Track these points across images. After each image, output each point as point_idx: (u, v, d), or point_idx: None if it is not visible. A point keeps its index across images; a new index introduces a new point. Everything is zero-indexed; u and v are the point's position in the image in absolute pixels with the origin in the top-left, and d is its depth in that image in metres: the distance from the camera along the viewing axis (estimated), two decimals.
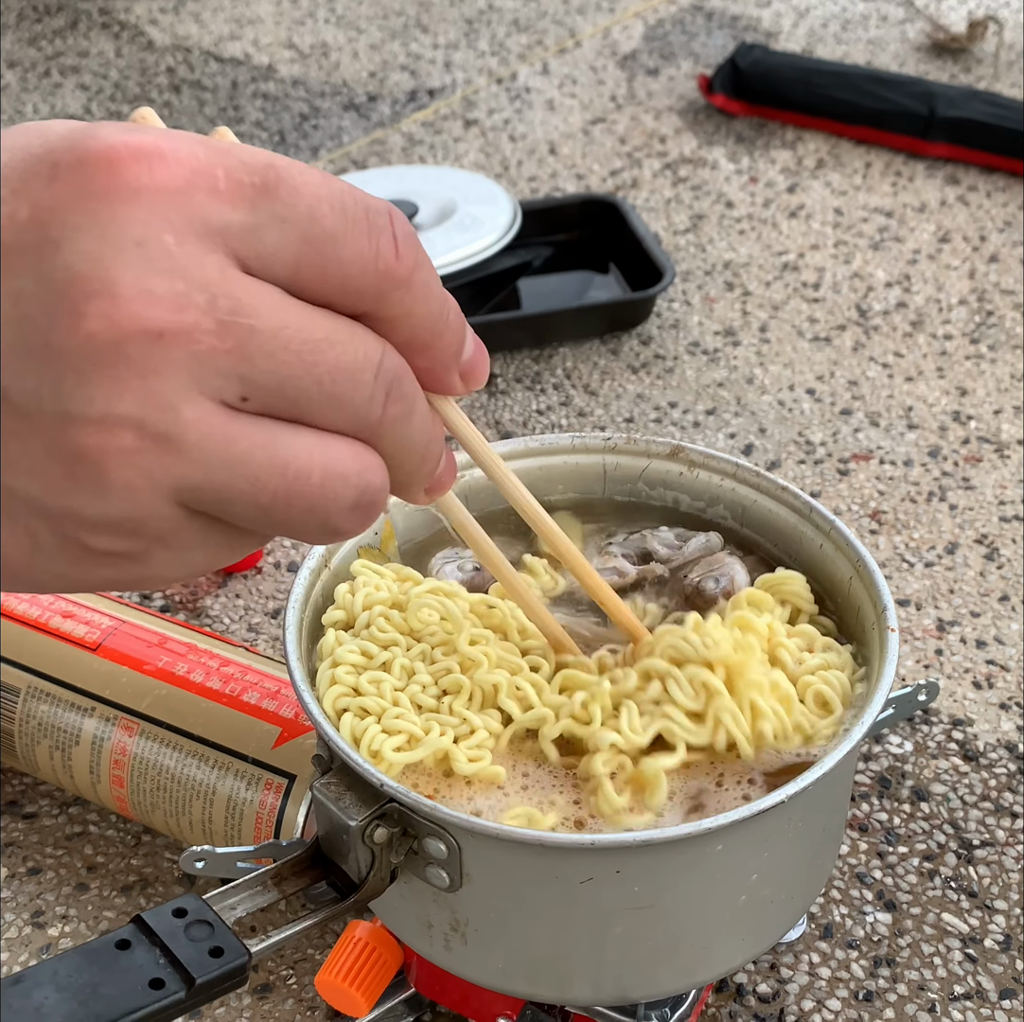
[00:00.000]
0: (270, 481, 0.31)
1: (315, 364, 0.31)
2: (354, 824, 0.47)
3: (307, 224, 0.31)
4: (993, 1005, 0.66)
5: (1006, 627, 0.85)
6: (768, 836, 0.48)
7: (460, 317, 0.36)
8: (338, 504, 0.33)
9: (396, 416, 0.33)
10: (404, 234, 0.33)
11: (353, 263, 0.32)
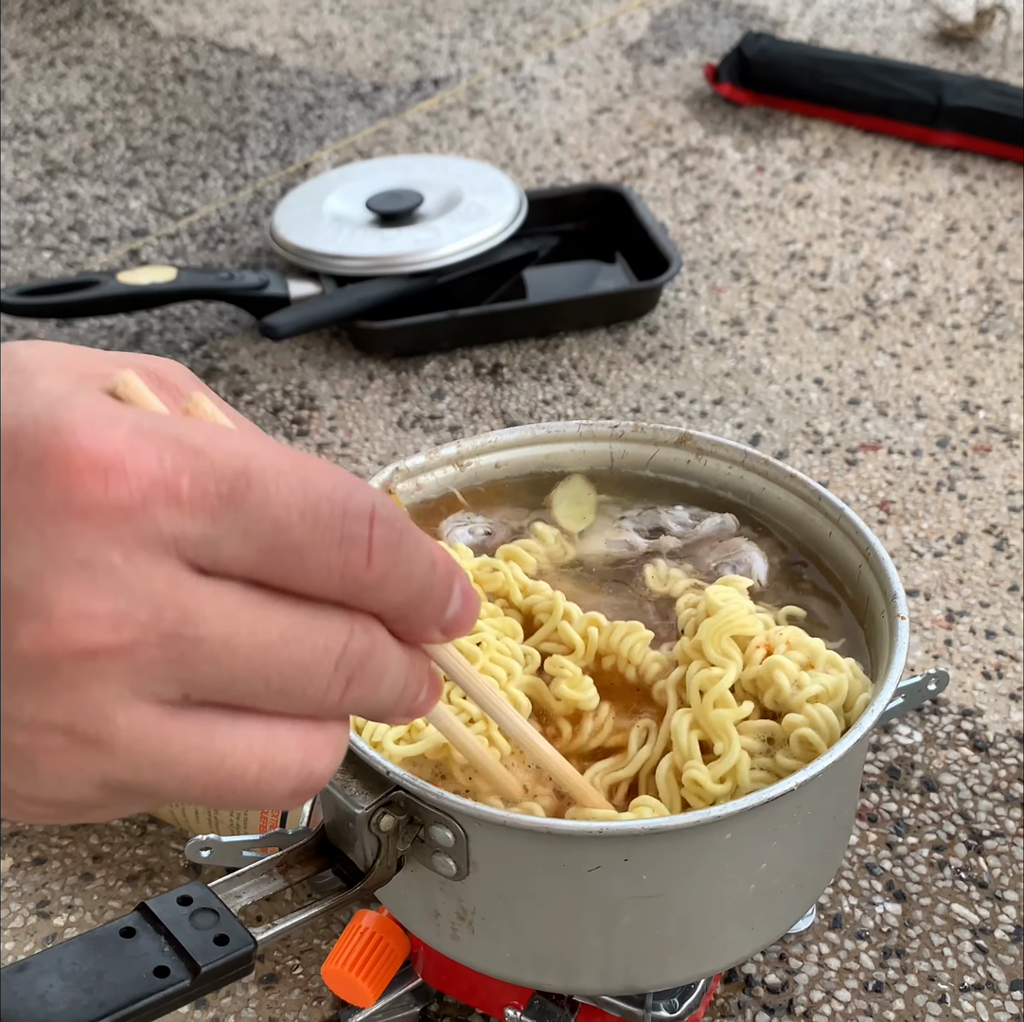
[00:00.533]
0: (201, 778, 0.30)
1: (265, 665, 0.30)
2: (360, 812, 0.46)
3: (271, 536, 0.30)
4: (1004, 996, 0.65)
5: (1016, 617, 0.85)
6: (777, 825, 0.48)
7: (448, 579, 0.33)
8: (274, 795, 0.31)
9: (359, 696, 0.32)
10: (383, 542, 0.31)
11: (317, 572, 0.30)
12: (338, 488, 0.30)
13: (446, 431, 1.00)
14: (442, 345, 1.07)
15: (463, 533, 0.60)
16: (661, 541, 0.60)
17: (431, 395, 1.03)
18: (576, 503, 0.62)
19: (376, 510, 0.31)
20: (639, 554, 0.60)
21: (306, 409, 1.02)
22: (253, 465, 0.30)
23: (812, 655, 0.51)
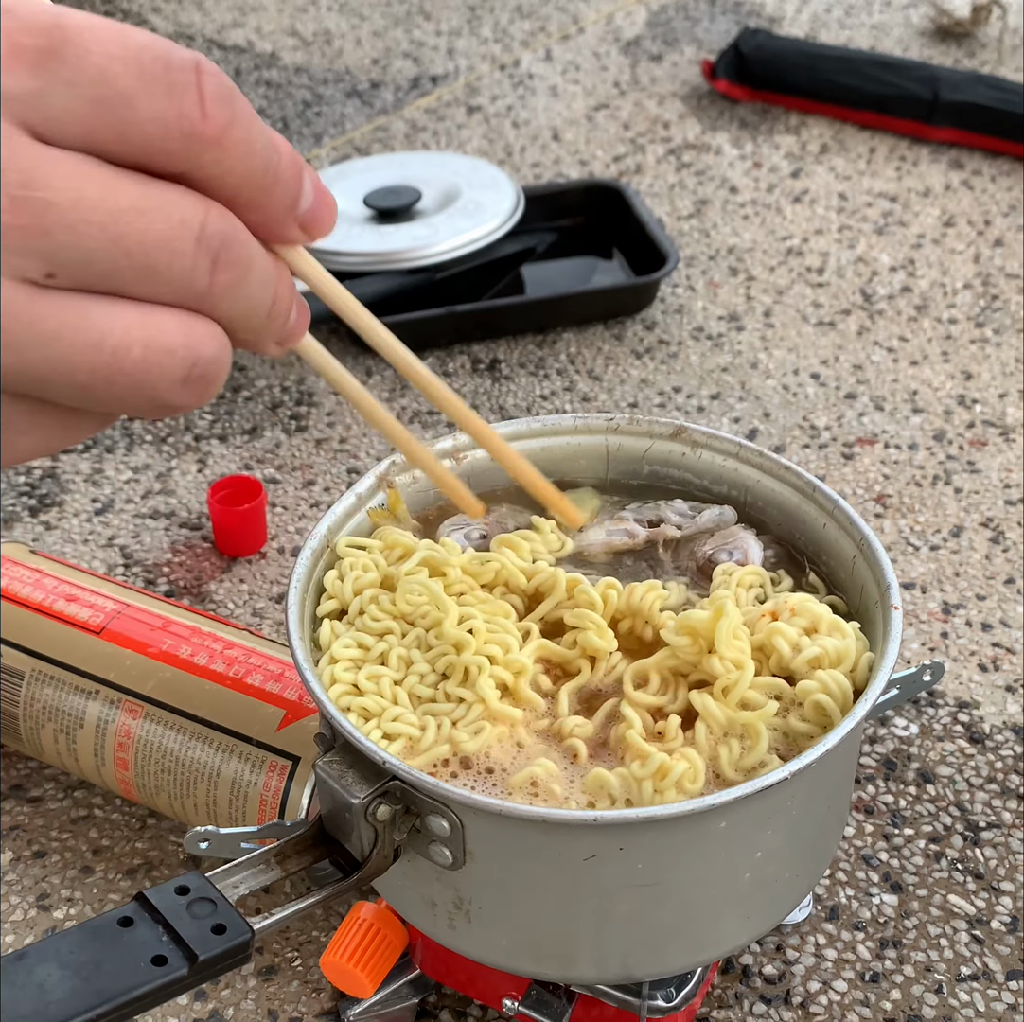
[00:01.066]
0: (85, 358, 0.30)
1: (121, 236, 0.30)
2: (356, 802, 0.47)
3: (97, 86, 0.29)
4: (1000, 986, 0.66)
5: (1012, 610, 0.85)
6: (772, 814, 0.48)
7: (294, 167, 0.33)
8: (166, 378, 0.31)
9: (228, 282, 0.32)
10: (214, 91, 0.30)
11: (152, 124, 0.30)
12: (158, 41, 0.30)
13: (444, 426, 1.01)
14: (440, 341, 1.07)
15: (459, 537, 0.60)
16: (661, 529, 0.60)
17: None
18: (578, 502, 0.62)
19: (200, 61, 0.31)
20: (640, 542, 0.60)
21: (304, 405, 1.03)
22: (66, 20, 0.29)
23: (815, 620, 0.52)
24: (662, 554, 0.60)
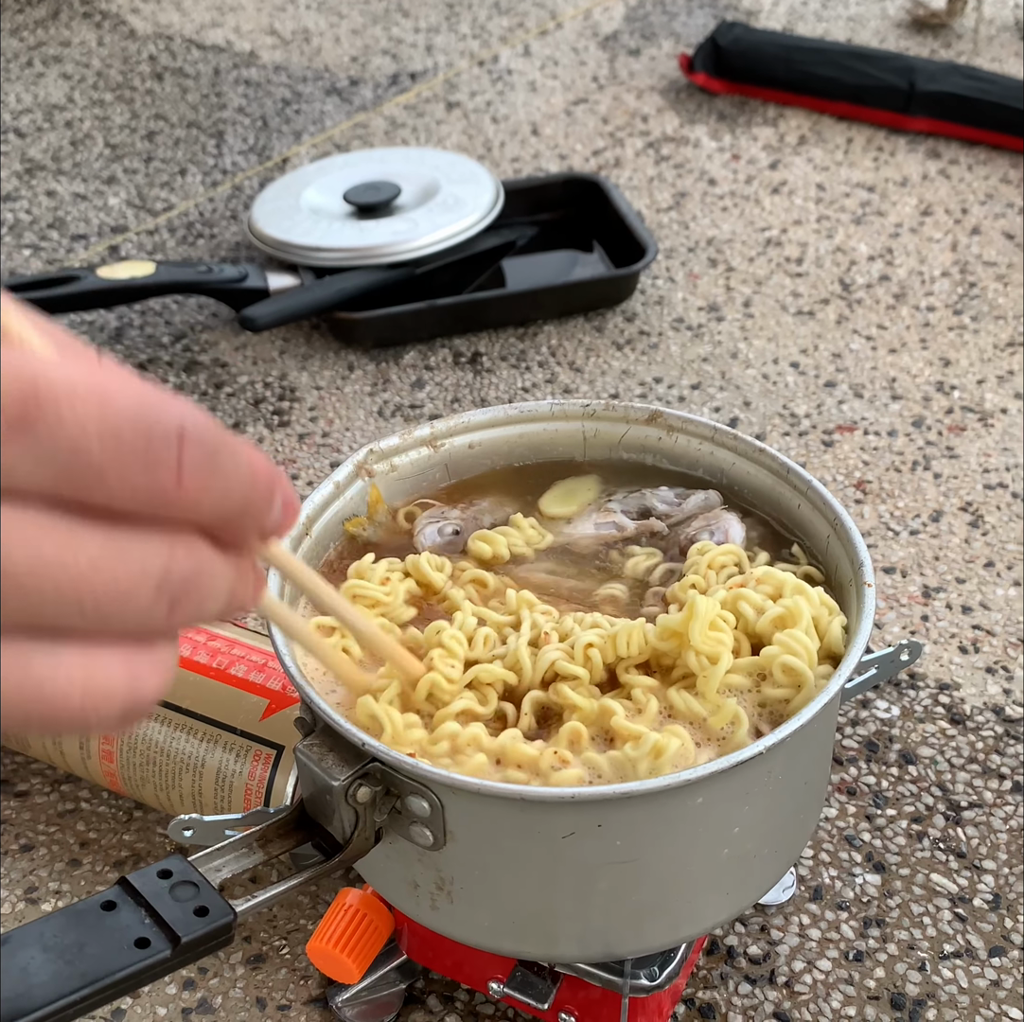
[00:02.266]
0: (21, 707, 0.29)
1: (76, 592, 0.29)
2: (337, 784, 0.47)
3: (66, 460, 0.28)
4: (983, 962, 0.66)
5: (991, 593, 0.86)
6: (749, 789, 0.49)
7: (268, 493, 0.32)
8: (102, 719, 0.30)
9: (185, 616, 0.31)
10: (195, 461, 0.29)
11: (122, 493, 0.29)
12: (141, 408, 0.29)
13: (426, 419, 1.01)
14: (421, 335, 1.08)
15: (432, 532, 0.60)
16: (650, 523, 0.60)
17: (411, 384, 1.04)
18: (570, 494, 0.63)
19: (185, 430, 0.29)
20: (628, 535, 0.60)
21: (287, 400, 1.03)
22: (43, 385, 0.28)
23: (779, 585, 0.53)
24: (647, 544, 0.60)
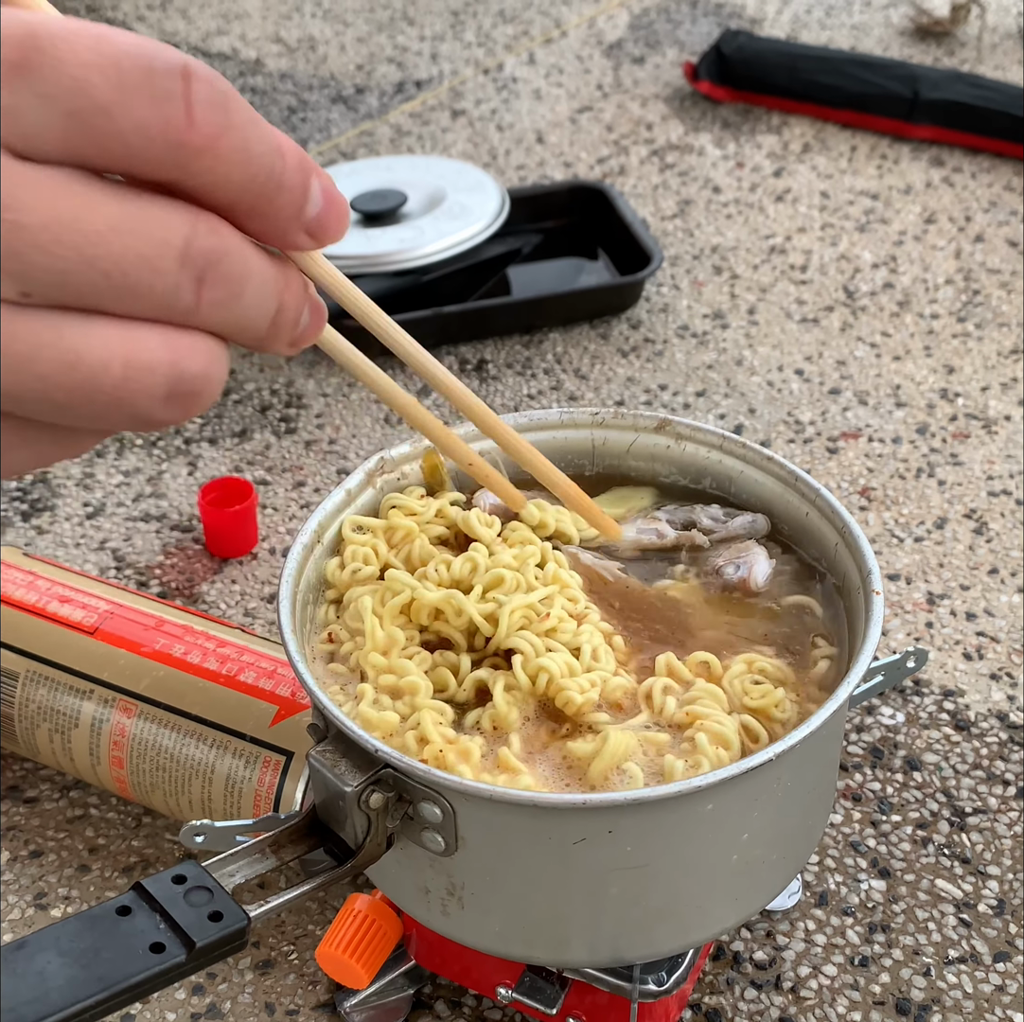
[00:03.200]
0: (60, 378, 0.29)
1: (97, 257, 0.29)
2: (350, 790, 0.47)
3: (72, 97, 0.28)
4: (987, 968, 0.67)
5: (995, 599, 0.86)
6: (758, 795, 0.49)
7: (301, 172, 0.31)
8: (147, 395, 0.30)
9: (217, 299, 0.30)
10: (204, 96, 0.29)
11: (134, 134, 0.28)
12: (141, 45, 0.29)
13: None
14: (427, 342, 1.07)
15: (491, 496, 0.61)
16: (691, 534, 0.61)
17: (417, 392, 1.04)
18: (622, 499, 0.63)
19: (189, 65, 0.29)
20: (668, 543, 0.60)
21: (293, 407, 1.03)
22: (41, 29, 0.28)
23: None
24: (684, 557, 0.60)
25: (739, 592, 0.58)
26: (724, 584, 0.58)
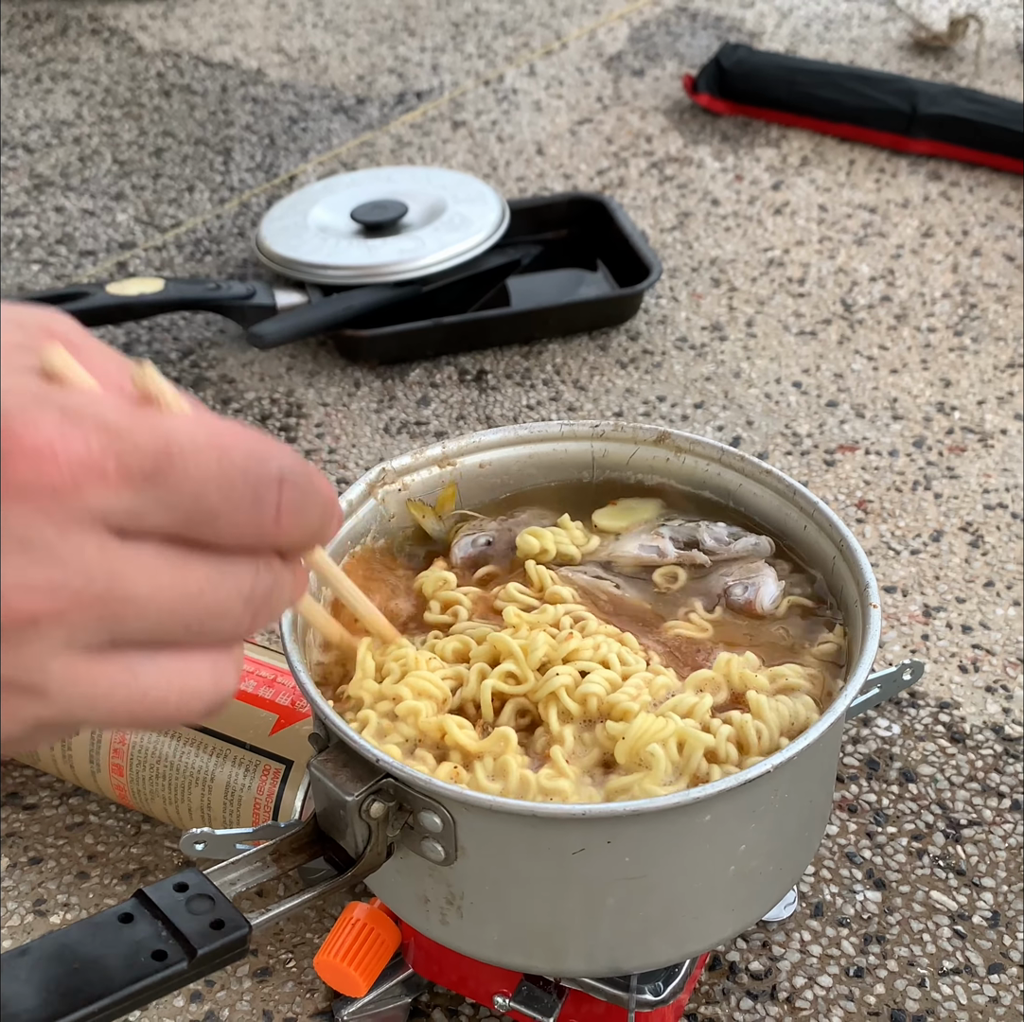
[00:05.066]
0: (127, 711, 0.34)
1: (186, 614, 0.33)
2: (351, 799, 0.48)
3: (190, 506, 0.33)
4: (982, 979, 0.67)
5: (991, 612, 0.86)
6: (755, 807, 0.49)
7: (334, 511, 0.37)
8: (191, 716, 0.35)
9: (263, 622, 0.36)
10: (291, 504, 0.34)
11: (230, 531, 0.34)
12: (251, 457, 0.33)
13: (432, 437, 1.02)
14: (427, 352, 1.09)
15: (465, 544, 0.61)
16: (692, 554, 0.61)
17: (417, 401, 1.05)
18: (627, 511, 0.64)
19: (284, 477, 0.34)
20: (668, 562, 0.61)
21: (293, 417, 1.04)
22: (173, 443, 0.32)
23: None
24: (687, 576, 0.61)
25: (745, 614, 0.58)
26: (731, 605, 0.58)
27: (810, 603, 0.58)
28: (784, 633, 0.57)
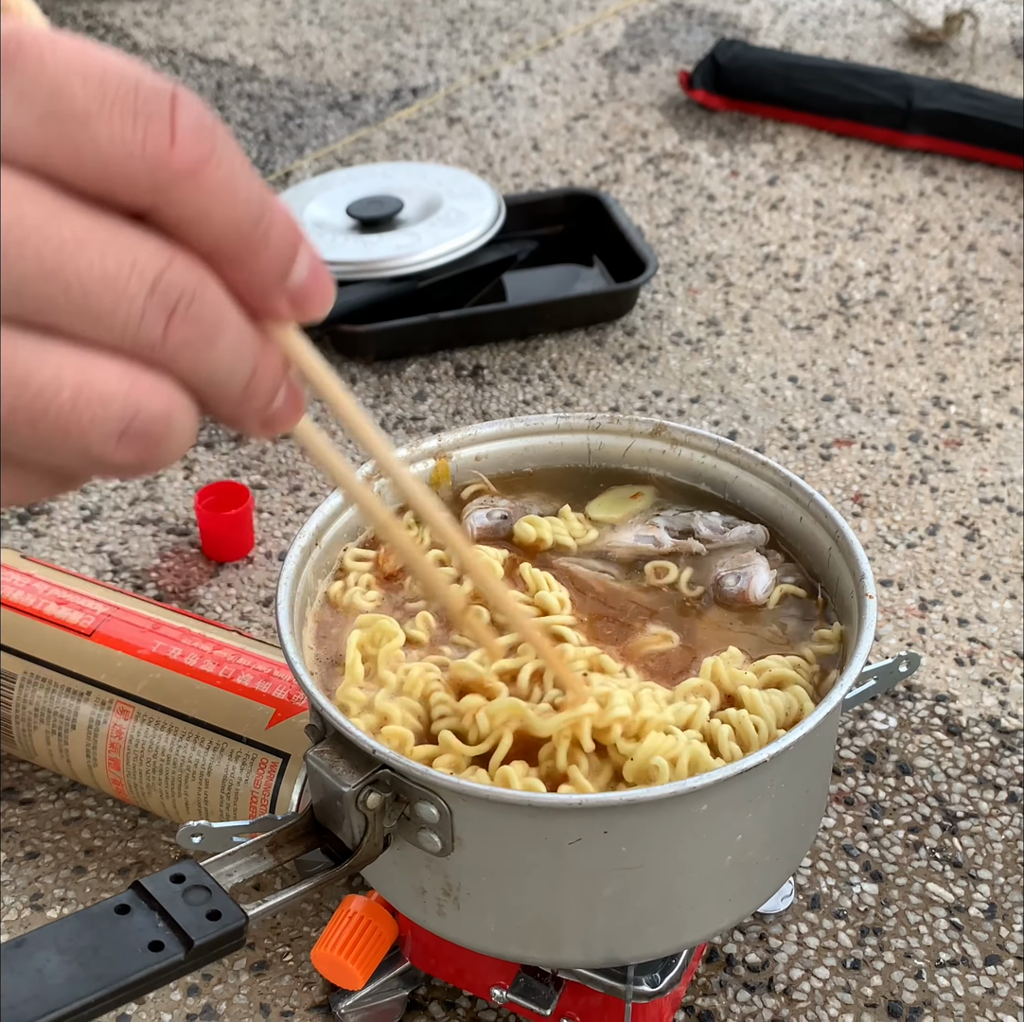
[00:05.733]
0: (7, 394, 0.28)
1: (59, 268, 0.27)
2: (347, 790, 0.48)
3: (49, 100, 0.27)
4: (978, 971, 0.67)
5: (987, 605, 0.87)
6: (752, 797, 0.49)
7: (289, 236, 0.30)
8: (97, 429, 0.29)
9: (187, 339, 0.29)
10: (190, 122, 0.28)
11: (112, 147, 0.27)
12: (130, 65, 0.28)
13: (428, 432, 1.02)
14: (423, 348, 1.09)
15: (480, 515, 0.62)
16: (688, 542, 0.61)
17: (413, 397, 1.05)
18: (621, 502, 0.64)
19: (179, 92, 0.28)
20: (664, 551, 0.61)
21: None
22: (27, 34, 0.27)
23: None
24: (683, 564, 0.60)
25: (739, 603, 0.58)
26: (723, 595, 0.58)
27: (802, 592, 0.58)
28: (776, 625, 0.57)
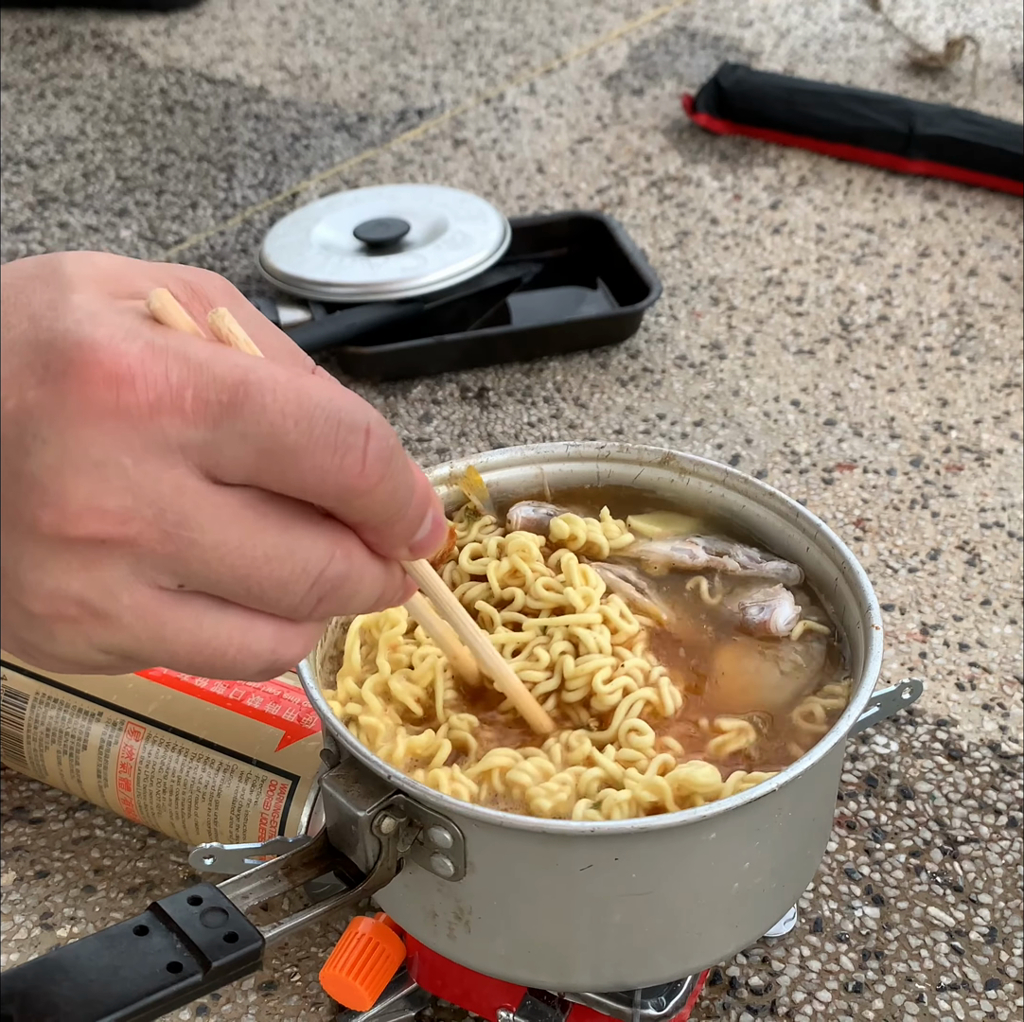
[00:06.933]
0: (187, 656, 0.35)
1: (247, 576, 0.34)
2: (362, 815, 0.49)
3: (267, 440, 0.33)
4: (979, 995, 0.68)
5: (988, 630, 0.87)
6: (760, 825, 0.50)
7: (422, 507, 0.37)
8: (246, 673, 0.37)
9: (328, 611, 0.37)
10: (377, 453, 0.34)
11: (312, 475, 0.34)
12: (335, 400, 0.34)
13: (434, 454, 1.03)
14: (429, 369, 1.10)
15: (527, 509, 0.63)
16: (723, 560, 0.62)
17: (419, 418, 1.06)
18: (664, 520, 0.65)
19: (371, 426, 0.34)
20: (698, 565, 0.62)
21: None
22: (252, 376, 0.33)
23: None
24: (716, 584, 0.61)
25: (760, 633, 0.59)
26: (745, 623, 0.59)
27: (825, 629, 0.59)
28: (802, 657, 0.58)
